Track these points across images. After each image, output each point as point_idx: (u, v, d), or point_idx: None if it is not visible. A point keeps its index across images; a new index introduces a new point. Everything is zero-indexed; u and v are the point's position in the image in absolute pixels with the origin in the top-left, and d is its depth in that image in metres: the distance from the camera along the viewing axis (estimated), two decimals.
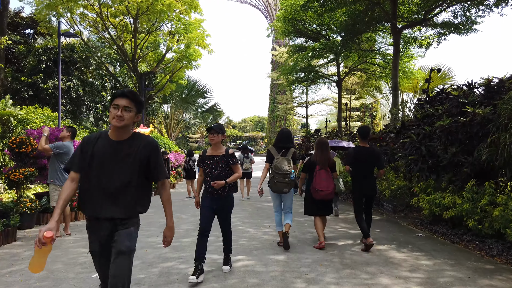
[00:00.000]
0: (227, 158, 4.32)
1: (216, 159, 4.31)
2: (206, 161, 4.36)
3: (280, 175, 5.19)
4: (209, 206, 4.33)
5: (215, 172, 4.26)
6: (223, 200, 4.33)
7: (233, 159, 4.34)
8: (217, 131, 4.28)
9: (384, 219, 7.92)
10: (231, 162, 4.33)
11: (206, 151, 4.46)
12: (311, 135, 20.72)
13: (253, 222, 7.55)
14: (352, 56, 20.14)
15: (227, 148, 4.39)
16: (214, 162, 4.30)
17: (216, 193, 4.27)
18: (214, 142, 4.31)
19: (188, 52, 21.94)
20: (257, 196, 12.32)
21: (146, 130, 16.69)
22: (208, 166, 4.33)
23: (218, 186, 4.18)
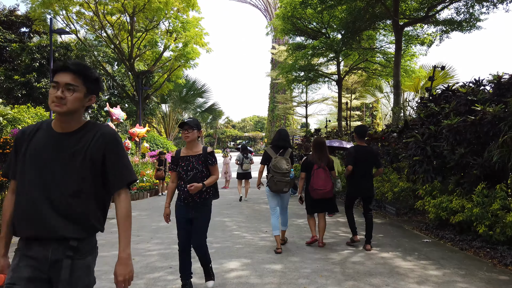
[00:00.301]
0: (205, 157, 3.72)
1: (192, 159, 3.70)
2: (180, 163, 3.73)
3: (279, 174, 5.17)
4: (185, 217, 3.72)
5: (190, 174, 3.65)
6: (199, 208, 3.70)
7: (212, 158, 3.75)
8: (192, 126, 3.67)
9: (387, 223, 7.57)
10: (210, 162, 3.73)
11: (180, 151, 3.83)
12: (311, 135, 20.37)
13: (249, 227, 7.20)
14: (353, 55, 19.78)
15: (205, 146, 3.82)
16: (189, 163, 3.69)
17: (192, 200, 3.65)
18: (189, 139, 3.70)
19: (186, 50, 21.59)
20: (255, 197, 11.99)
21: (142, 130, 16.36)
22: (182, 169, 3.71)
23: (194, 190, 3.52)
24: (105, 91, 28.41)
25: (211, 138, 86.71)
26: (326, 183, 5.35)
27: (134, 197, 11.79)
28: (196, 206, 3.69)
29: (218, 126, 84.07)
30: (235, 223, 7.56)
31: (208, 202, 3.79)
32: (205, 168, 3.72)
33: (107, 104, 12.98)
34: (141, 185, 12.45)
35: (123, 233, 1.90)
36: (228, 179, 15.64)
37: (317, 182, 5.35)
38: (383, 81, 25.00)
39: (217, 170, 3.80)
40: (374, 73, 20.79)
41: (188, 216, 3.71)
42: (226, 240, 6.04)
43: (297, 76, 21.52)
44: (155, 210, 9.47)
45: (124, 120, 30.46)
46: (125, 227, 1.91)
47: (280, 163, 5.19)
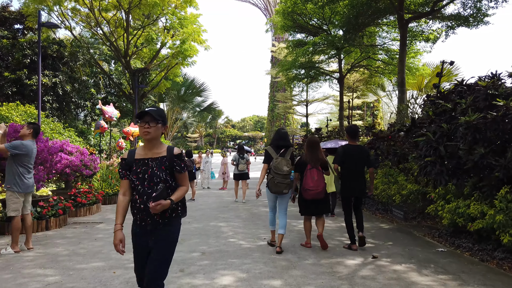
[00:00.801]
0: (171, 162, 2.67)
1: (151, 164, 2.65)
2: (134, 168, 2.67)
3: (280, 175, 5.14)
4: (145, 247, 2.68)
5: (147, 186, 2.61)
6: (160, 232, 2.65)
7: (180, 164, 2.71)
8: (155, 118, 2.62)
9: (395, 229, 7.01)
10: (178, 168, 2.69)
11: (134, 152, 2.75)
12: (312, 134, 19.83)
13: (246, 233, 6.64)
14: (355, 52, 19.25)
15: (171, 147, 2.76)
16: (147, 169, 2.64)
17: (151, 221, 2.62)
18: (150, 136, 2.62)
19: (183, 47, 21.01)
20: (254, 199, 11.44)
21: (137, 129, 15.80)
22: (137, 176, 2.64)
23: (159, 209, 2.51)
24: (102, 90, 27.89)
25: (211, 138, 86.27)
26: (318, 183, 5.25)
27: None
28: (156, 229, 2.65)
29: (217, 125, 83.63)
30: (231, 229, 7.00)
31: (173, 223, 2.71)
32: (169, 176, 2.68)
33: (99, 102, 12.42)
34: None
35: None
36: (226, 179, 15.12)
37: (309, 182, 5.26)
38: (385, 80, 24.48)
39: (186, 180, 2.79)
40: (376, 71, 20.24)
41: (147, 243, 2.67)
42: (220, 249, 5.49)
43: (298, 74, 20.96)
44: None
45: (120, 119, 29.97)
46: None
47: (280, 165, 5.15)
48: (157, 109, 2.71)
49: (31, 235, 5.53)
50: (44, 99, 15.90)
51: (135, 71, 21.28)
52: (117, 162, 13.03)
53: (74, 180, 9.19)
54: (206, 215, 8.61)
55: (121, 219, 2.70)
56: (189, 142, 73.80)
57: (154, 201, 2.52)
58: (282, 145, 5.39)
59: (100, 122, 12.15)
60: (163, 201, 2.53)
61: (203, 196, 12.63)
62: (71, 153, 9.12)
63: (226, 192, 13.71)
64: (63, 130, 13.12)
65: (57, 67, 17.26)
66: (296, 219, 7.72)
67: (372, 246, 5.60)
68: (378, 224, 7.47)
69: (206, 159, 15.76)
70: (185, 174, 2.76)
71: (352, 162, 5.47)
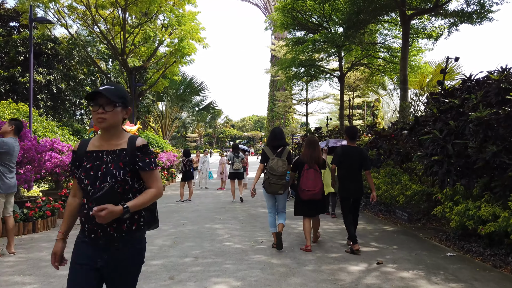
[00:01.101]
0: (133, 156, 2.02)
1: (106, 158, 2.01)
2: (85, 163, 2.03)
3: (275, 176, 5.07)
4: (88, 263, 1.97)
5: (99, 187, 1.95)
6: (118, 251, 2.00)
7: (144, 158, 2.04)
8: (111, 101, 1.97)
9: (399, 231, 6.68)
10: (141, 165, 2.02)
11: (88, 142, 2.11)
12: (312, 134, 19.51)
13: (243, 235, 6.30)
14: (355, 50, 18.95)
15: (134, 136, 2.09)
16: (101, 165, 2.00)
17: (103, 233, 1.96)
18: (106, 124, 1.99)
19: (181, 45, 20.67)
20: (252, 200, 11.13)
21: (133, 127, 15.45)
22: (87, 174, 1.99)
23: (105, 217, 1.84)
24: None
25: (210, 138, 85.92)
26: (315, 184, 5.17)
27: None
28: (110, 246, 1.98)
29: (217, 125, 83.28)
30: (227, 231, 6.67)
31: (136, 237, 2.04)
32: (130, 175, 2.00)
33: None
34: None
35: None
36: (224, 179, 14.80)
37: (306, 182, 5.18)
38: (386, 78, 24.16)
39: (156, 180, 2.08)
40: (377, 69, 19.93)
41: (94, 262, 1.97)
42: (214, 253, 5.16)
43: (297, 72, 20.65)
44: None
45: None
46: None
47: (276, 165, 5.10)
48: (114, 87, 2.04)
49: (13, 239, 5.20)
50: (38, 97, 15.55)
51: (132, 70, 20.94)
52: None
53: (65, 180, 8.85)
54: (202, 216, 8.28)
55: (64, 227, 2.10)
56: (189, 142, 73.48)
57: (97, 204, 1.85)
58: (278, 145, 5.33)
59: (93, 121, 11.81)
60: (110, 205, 1.84)
61: (200, 196, 12.31)
62: (62, 152, 8.79)
63: (224, 193, 13.39)
64: (56, 128, 12.77)
65: (52, 65, 16.91)
66: (295, 221, 7.39)
67: (376, 251, 5.28)
68: (382, 226, 7.14)
69: (204, 158, 15.44)
70: (153, 173, 2.05)
71: (350, 163, 5.39)
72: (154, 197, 2.06)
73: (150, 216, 2.15)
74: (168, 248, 5.41)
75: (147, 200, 2.02)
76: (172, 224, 7.36)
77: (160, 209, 9.54)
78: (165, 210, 9.43)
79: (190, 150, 11.58)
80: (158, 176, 2.12)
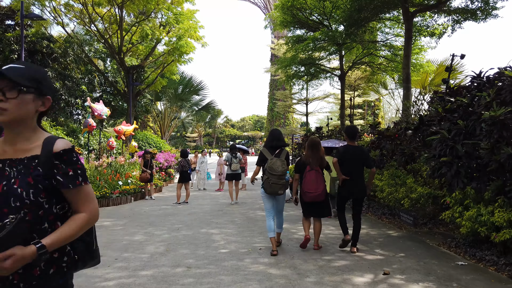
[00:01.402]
0: (48, 167, 1.41)
1: (9, 171, 1.41)
2: None
3: (275, 176, 5.02)
4: None
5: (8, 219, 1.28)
6: None
7: (68, 169, 1.44)
8: (16, 84, 1.39)
9: (405, 236, 6.34)
10: (61, 181, 1.42)
11: None
12: (312, 134, 19.17)
13: (240, 242, 5.97)
14: (356, 48, 18.62)
15: (51, 138, 1.48)
16: (0, 181, 1.39)
17: (2, 285, 1.35)
18: (7, 118, 1.39)
19: (179, 44, 20.34)
20: (250, 202, 10.80)
21: (129, 127, 15.14)
22: None
23: (10, 270, 1.25)
24: (97, 88, 27.23)
25: (210, 138, 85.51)
26: (317, 185, 5.14)
27: (116, 201, 10.57)
28: None
29: (216, 125, 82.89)
30: (224, 236, 6.33)
31: (54, 287, 1.43)
32: (45, 195, 1.40)
33: (88, 99, 11.75)
34: (124, 188, 11.22)
35: None
36: (222, 180, 14.46)
37: (308, 184, 5.17)
38: (388, 77, 23.82)
39: (87, 201, 1.49)
40: (379, 68, 19.56)
41: None
42: (209, 261, 4.82)
43: (297, 71, 20.32)
44: (134, 219, 8.25)
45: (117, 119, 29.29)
46: None
47: (275, 165, 5.05)
48: (22, 66, 1.44)
49: None
50: None
51: (130, 68, 20.61)
52: (106, 162, 12.37)
53: None
54: (198, 220, 7.95)
55: None
56: (188, 142, 73.15)
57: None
58: (276, 146, 5.31)
59: (88, 120, 11.48)
60: (17, 250, 1.25)
61: (198, 198, 11.97)
62: None
63: (222, 194, 13.05)
64: (50, 128, 12.44)
65: (47, 63, 16.56)
66: (294, 225, 7.06)
67: (381, 259, 4.94)
68: (386, 231, 6.80)
69: (202, 159, 15.10)
70: (81, 191, 1.46)
71: (351, 163, 5.32)
72: (85, 225, 1.45)
73: (83, 250, 1.49)
74: (159, 256, 5.08)
75: (74, 231, 1.40)
76: (166, 229, 7.03)
77: (156, 212, 9.21)
78: (161, 213, 9.10)
79: (187, 150, 11.22)
80: (90, 195, 1.49)
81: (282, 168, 5.04)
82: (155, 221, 7.96)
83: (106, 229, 7.03)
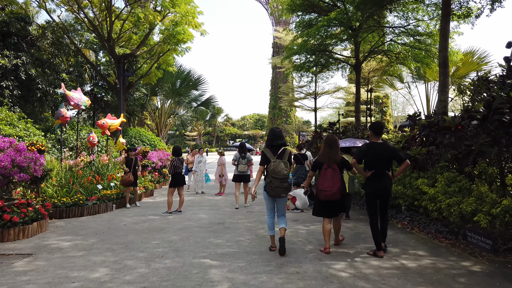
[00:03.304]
0: None
1: None
2: None
3: (278, 180, 4.92)
4: None
5: None
6: None
7: None
8: None
9: (485, 273, 4.27)
10: None
11: None
12: (324, 130, 17.13)
13: (252, 285, 3.92)
14: (372, 35, 16.61)
15: None
16: None
17: None
18: None
19: (175, 30, 18.26)
20: (260, 209, 8.77)
21: (115, 121, 13.07)
22: None
23: None
24: (87, 81, 25.19)
25: (210, 137, 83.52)
26: (333, 184, 5.03)
27: (92, 210, 8.52)
28: None
29: (217, 124, 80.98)
30: (227, 273, 4.28)
31: None
32: None
33: (62, 85, 9.70)
34: (104, 193, 9.17)
35: None
36: (223, 183, 12.42)
37: (323, 183, 5.08)
38: (403, 70, 21.75)
39: None
40: (397, 58, 17.42)
41: None
42: None
43: (306, 61, 18.28)
44: (107, 237, 6.21)
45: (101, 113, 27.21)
46: None
47: (278, 168, 4.93)
48: None
49: None
50: (3, 84, 13.10)
51: (120, 57, 18.55)
52: (85, 162, 10.32)
53: (4, 186, 6.48)
54: (191, 240, 5.91)
55: None
56: (188, 141, 71.23)
57: None
58: (279, 144, 5.19)
59: (60, 110, 9.42)
60: None
61: (194, 205, 9.93)
62: (1, 149, 6.41)
63: (223, 199, 11.02)
64: (18, 121, 10.38)
65: (21, 47, 14.46)
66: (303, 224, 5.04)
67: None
68: (459, 262, 4.74)
69: (199, 158, 13.05)
70: None
71: (376, 160, 5.06)
72: None
73: None
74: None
75: None
76: (145, 256, 4.99)
77: (139, 225, 7.17)
78: (145, 226, 7.06)
79: (180, 148, 9.12)
80: None
81: (285, 171, 4.92)
82: (134, 240, 5.92)
83: (60, 256, 5.00)
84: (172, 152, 8.95)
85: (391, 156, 5.05)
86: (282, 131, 5.50)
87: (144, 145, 20.69)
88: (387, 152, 5.04)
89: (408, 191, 7.28)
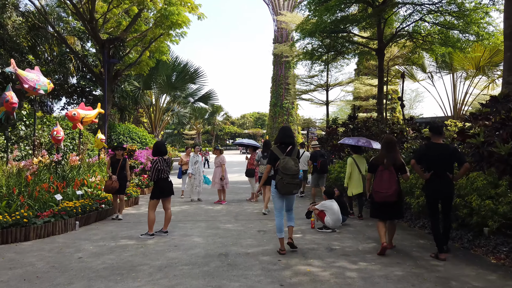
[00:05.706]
0: None
1: None
2: None
3: (289, 176, 4.88)
4: None
5: None
6: None
7: None
8: None
9: None
10: None
11: None
12: (340, 125, 14.69)
13: None
14: (396, 13, 14.23)
15: None
16: None
17: None
18: None
19: (169, 10, 15.82)
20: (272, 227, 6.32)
21: (91, 112, 10.59)
22: None
23: None
24: (73, 73, 22.72)
25: (209, 135, 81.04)
26: (389, 185, 4.96)
27: (42, 231, 6.07)
28: None
29: (216, 122, 78.56)
30: None
31: None
32: None
33: (12, 62, 7.27)
34: (65, 206, 6.71)
35: None
36: (225, 188, 9.96)
37: (380, 184, 5.03)
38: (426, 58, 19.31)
39: None
40: (424, 41, 14.85)
41: None
42: None
43: (319, 47, 15.84)
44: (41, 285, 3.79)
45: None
46: None
47: (289, 164, 4.89)
48: None
49: None
50: None
51: (105, 41, 16.09)
52: (43, 163, 7.87)
53: None
54: None
55: None
56: (186, 139, 68.83)
57: None
58: (288, 143, 5.12)
59: (5, 94, 6.97)
60: None
61: (187, 219, 7.52)
62: None
63: (225, 210, 8.59)
64: None
65: None
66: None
67: None
68: None
69: (195, 158, 10.52)
70: None
71: (436, 162, 4.85)
72: None
73: None
74: None
75: None
76: None
77: (101, 258, 4.66)
78: (108, 263, 4.62)
79: (165, 145, 6.61)
80: None
81: (295, 167, 4.91)
82: (88, 284, 3.50)
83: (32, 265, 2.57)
84: (153, 151, 6.43)
85: (453, 157, 4.87)
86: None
87: (134, 143, 18.26)
88: (449, 154, 4.86)
89: (503, 207, 4.88)
